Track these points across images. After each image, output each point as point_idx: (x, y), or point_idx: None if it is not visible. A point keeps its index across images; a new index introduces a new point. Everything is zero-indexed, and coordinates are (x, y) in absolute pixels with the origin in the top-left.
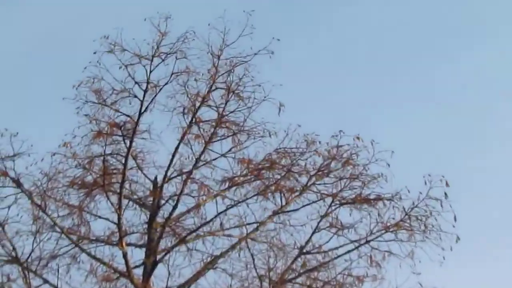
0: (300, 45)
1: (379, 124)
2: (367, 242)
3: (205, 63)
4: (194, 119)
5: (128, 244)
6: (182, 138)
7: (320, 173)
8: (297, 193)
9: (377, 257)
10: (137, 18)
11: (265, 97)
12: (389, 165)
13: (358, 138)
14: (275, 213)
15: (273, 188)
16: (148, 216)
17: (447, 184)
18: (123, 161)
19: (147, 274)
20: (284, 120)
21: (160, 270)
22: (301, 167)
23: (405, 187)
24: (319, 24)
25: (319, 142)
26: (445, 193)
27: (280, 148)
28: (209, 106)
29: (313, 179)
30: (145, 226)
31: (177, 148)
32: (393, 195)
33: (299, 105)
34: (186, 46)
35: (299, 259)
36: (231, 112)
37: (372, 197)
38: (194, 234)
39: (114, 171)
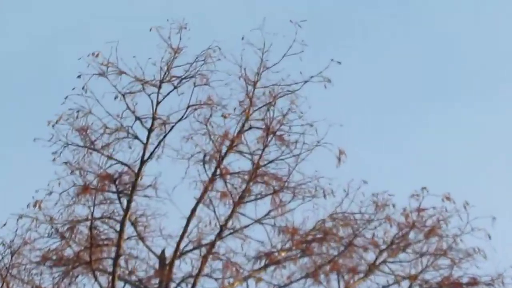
0: (363, 69)
1: (477, 179)
2: None
3: (235, 93)
4: (219, 170)
5: None
6: (202, 196)
7: (393, 247)
8: (361, 275)
9: None
10: (141, 27)
11: (318, 141)
12: (490, 236)
13: (448, 198)
14: None
15: (327, 268)
16: None
17: None
18: (118, 228)
19: None
20: (344, 174)
21: None
22: (367, 239)
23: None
24: (389, 43)
25: (393, 205)
26: None
27: (338, 213)
28: (241, 152)
29: (384, 255)
30: None
31: (194, 210)
32: (494, 279)
33: (366, 154)
34: (208, 68)
35: None
36: (271, 161)
37: (465, 280)
38: None
39: (106, 241)
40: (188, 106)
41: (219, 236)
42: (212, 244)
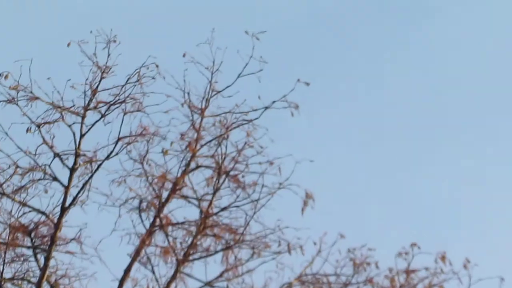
0: (338, 93)
1: (480, 233)
2: None
3: (178, 122)
4: (159, 220)
5: None
6: (138, 253)
7: None
8: None
9: None
10: (60, 41)
11: (280, 183)
12: None
13: (443, 258)
14: None
15: None
16: None
17: None
18: None
19: None
20: (316, 226)
21: None
22: None
23: None
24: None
25: (376, 265)
26: None
27: (308, 275)
28: (186, 197)
29: None
30: None
31: (128, 270)
32: None
33: (343, 199)
34: (143, 90)
35: None
36: (223, 208)
37: None
38: None
39: None
40: (118, 139)
41: None
42: None
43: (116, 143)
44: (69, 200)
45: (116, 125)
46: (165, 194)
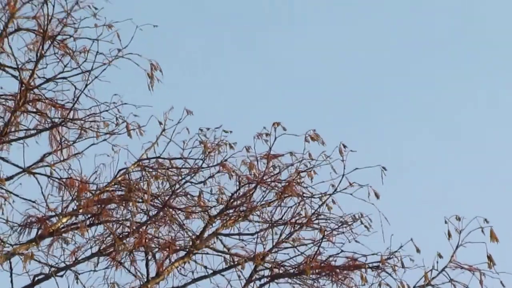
0: None
1: None
2: None
3: None
4: None
5: None
6: None
7: (230, 212)
8: (181, 254)
9: None
10: None
11: (119, 50)
12: (378, 195)
13: (314, 138)
14: None
15: (132, 241)
16: None
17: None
18: None
19: None
20: (161, 101)
21: None
22: (192, 198)
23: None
24: None
25: (230, 146)
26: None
27: (148, 158)
28: (2, 66)
29: (216, 224)
30: None
31: None
32: (383, 259)
33: None
34: None
35: None
36: (48, 80)
37: (340, 262)
38: None
39: None
40: None
41: None
42: None
43: None
44: None
45: None
46: None
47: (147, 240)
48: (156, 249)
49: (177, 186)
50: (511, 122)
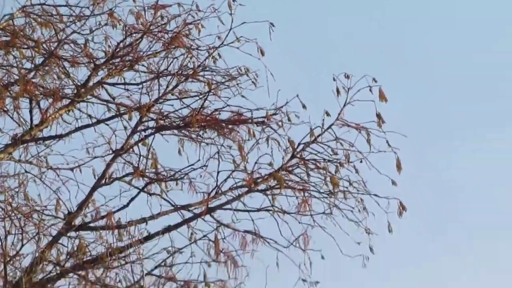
0: None
1: None
2: None
3: None
4: None
5: None
6: None
7: (116, 61)
8: (66, 102)
9: None
10: None
11: None
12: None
13: None
14: None
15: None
16: None
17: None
18: None
19: None
20: None
21: None
22: (77, 47)
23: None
24: None
25: None
26: None
27: (33, 5)
28: None
29: (102, 73)
30: None
31: None
32: (269, 114)
33: None
34: None
35: None
36: None
37: (225, 116)
38: None
39: None
40: None
41: None
42: None
43: None
44: None
45: None
46: None
47: (32, 88)
48: (41, 97)
49: (63, 34)
50: None
